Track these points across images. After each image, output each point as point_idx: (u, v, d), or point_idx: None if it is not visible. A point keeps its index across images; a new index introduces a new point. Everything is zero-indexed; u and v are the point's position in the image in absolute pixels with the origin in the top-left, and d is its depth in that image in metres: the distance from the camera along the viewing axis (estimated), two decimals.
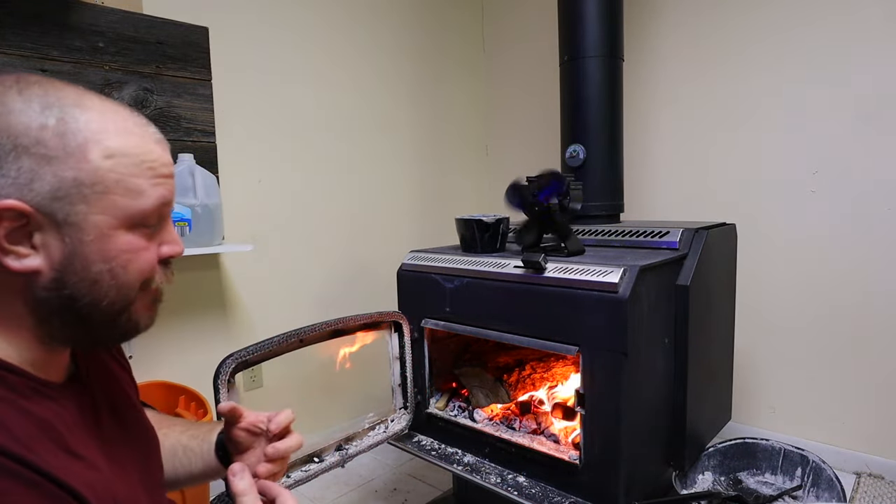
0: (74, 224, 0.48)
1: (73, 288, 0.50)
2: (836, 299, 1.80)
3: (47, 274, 0.49)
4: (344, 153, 2.14)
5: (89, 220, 0.49)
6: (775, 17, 1.85)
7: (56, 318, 0.51)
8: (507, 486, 1.33)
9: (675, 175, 2.13)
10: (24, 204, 0.46)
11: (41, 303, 0.49)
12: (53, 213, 0.48)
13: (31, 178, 0.46)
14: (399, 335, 1.45)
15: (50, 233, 0.48)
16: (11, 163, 0.46)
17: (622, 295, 1.15)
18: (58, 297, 0.50)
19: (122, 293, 0.53)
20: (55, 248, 0.48)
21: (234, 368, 1.08)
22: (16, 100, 0.47)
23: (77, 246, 0.49)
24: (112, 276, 0.51)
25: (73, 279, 0.49)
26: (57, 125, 0.47)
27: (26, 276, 0.48)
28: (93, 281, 0.50)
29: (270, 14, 1.88)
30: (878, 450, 1.77)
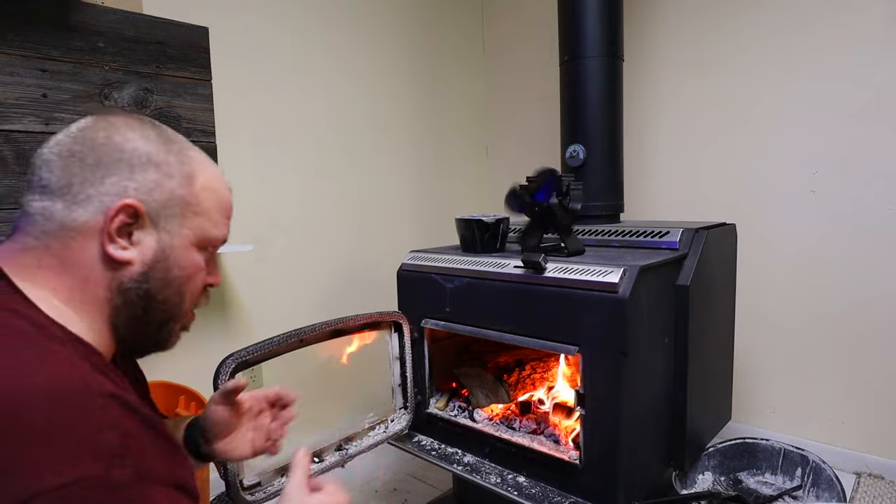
0: (169, 231, 0.60)
1: (152, 283, 0.59)
2: (837, 299, 1.80)
3: (137, 267, 0.58)
4: (344, 153, 2.14)
5: (182, 231, 0.61)
6: (775, 18, 1.85)
7: (129, 309, 0.59)
8: (507, 486, 1.33)
9: (675, 175, 2.13)
10: (142, 205, 0.57)
11: (123, 292, 0.58)
12: (158, 219, 0.59)
13: (153, 187, 0.58)
14: (399, 335, 1.45)
15: (149, 234, 0.58)
16: (142, 173, 0.57)
17: (622, 295, 1.15)
18: (137, 290, 0.59)
19: (180, 301, 0.63)
20: (149, 248, 0.58)
21: (234, 368, 1.08)
22: (151, 131, 0.60)
23: (168, 249, 0.60)
24: (180, 283, 0.62)
25: (155, 276, 0.59)
26: (178, 155, 0.61)
27: (119, 265, 0.57)
28: (168, 283, 0.61)
29: (271, 14, 1.88)
30: (878, 450, 1.77)
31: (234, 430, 0.83)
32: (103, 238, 0.56)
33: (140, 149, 0.58)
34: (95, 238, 0.56)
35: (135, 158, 0.57)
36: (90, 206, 0.55)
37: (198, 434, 0.81)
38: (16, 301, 0.52)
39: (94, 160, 0.56)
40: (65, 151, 0.56)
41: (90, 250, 0.56)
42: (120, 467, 0.44)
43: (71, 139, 0.57)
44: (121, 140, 0.57)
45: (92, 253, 0.56)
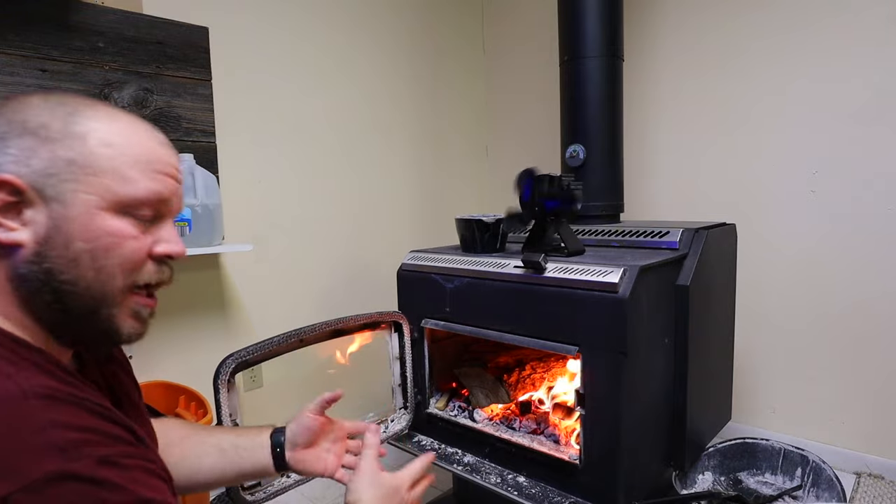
0: (61, 200, 0.50)
1: (52, 262, 0.50)
2: (837, 299, 1.80)
3: (30, 247, 0.50)
4: (344, 153, 2.14)
5: (77, 197, 0.50)
6: (775, 18, 1.85)
7: (37, 297, 0.51)
8: (507, 486, 1.33)
9: (675, 175, 2.13)
10: (18, 179, 0.49)
11: (21, 278, 0.50)
12: (43, 189, 0.50)
13: (30, 155, 0.49)
14: (399, 335, 1.45)
15: (39, 209, 0.50)
16: (15, 141, 0.50)
17: (622, 295, 1.15)
18: (37, 272, 0.50)
19: (102, 279, 0.52)
20: (41, 224, 0.50)
21: (234, 368, 1.08)
22: (36, 99, 0.52)
23: (60, 221, 0.50)
24: (92, 257, 0.51)
25: (52, 253, 0.50)
26: (65, 117, 0.51)
27: (10, 250, 0.50)
28: (72, 259, 0.51)
29: (270, 14, 1.88)
30: (878, 450, 1.77)
31: (316, 444, 0.87)
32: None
33: (16, 119, 0.50)
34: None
35: (10, 129, 0.50)
36: None
37: (283, 439, 0.84)
38: None
39: None
40: None
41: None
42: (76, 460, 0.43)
43: None
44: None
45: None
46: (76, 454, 0.43)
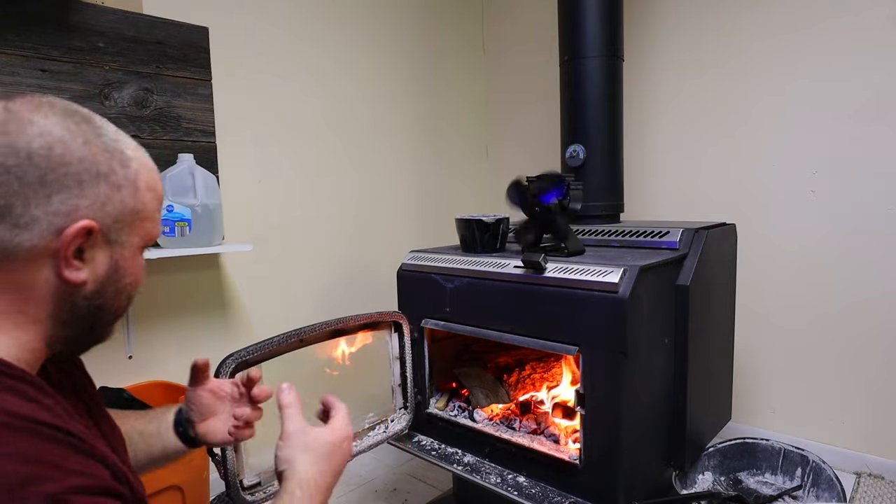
0: (122, 243, 0.56)
1: (106, 298, 0.57)
2: (837, 299, 1.80)
3: (90, 286, 0.55)
4: (344, 153, 2.14)
5: (131, 240, 0.57)
6: (775, 18, 1.85)
7: (76, 324, 0.56)
8: (507, 486, 1.33)
9: (675, 175, 2.13)
10: (97, 224, 0.53)
11: (74, 310, 0.55)
12: (109, 233, 0.55)
13: (105, 202, 0.54)
14: (399, 335, 1.45)
15: (102, 250, 0.55)
16: (92, 188, 0.53)
17: (622, 295, 1.15)
18: (89, 307, 0.56)
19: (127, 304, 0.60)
20: (101, 264, 0.55)
21: (234, 368, 1.08)
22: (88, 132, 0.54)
23: (119, 262, 0.57)
24: (129, 288, 0.59)
25: (108, 290, 0.56)
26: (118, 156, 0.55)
27: (72, 286, 0.53)
28: (119, 292, 0.58)
29: (270, 14, 1.88)
30: (878, 450, 1.77)
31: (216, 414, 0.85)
32: (59, 262, 0.52)
33: (86, 158, 0.52)
34: (45, 261, 0.51)
35: (83, 172, 0.52)
36: (36, 228, 0.50)
37: (184, 417, 0.84)
38: None
39: (37, 177, 0.49)
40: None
41: (40, 274, 0.52)
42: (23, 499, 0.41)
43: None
44: (62, 150, 0.51)
45: (42, 276, 0.52)
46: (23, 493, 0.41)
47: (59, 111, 0.53)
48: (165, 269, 1.67)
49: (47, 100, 0.54)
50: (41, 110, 0.52)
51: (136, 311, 1.61)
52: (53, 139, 0.51)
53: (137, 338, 1.62)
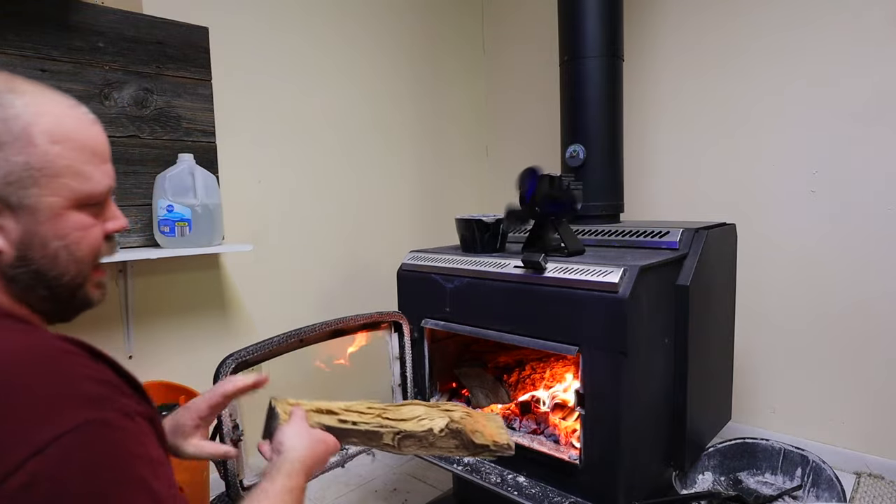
0: (28, 206, 0.52)
1: (37, 263, 0.54)
2: (837, 299, 1.80)
3: (10, 252, 0.53)
4: (344, 153, 2.14)
5: (42, 201, 0.53)
6: (775, 18, 1.85)
7: (32, 292, 0.56)
8: (507, 486, 1.33)
9: (675, 175, 2.13)
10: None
11: (12, 280, 0.54)
12: (7, 197, 0.51)
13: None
14: (399, 335, 1.45)
15: (6, 216, 0.52)
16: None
17: (622, 295, 1.15)
18: (26, 273, 0.54)
19: (80, 268, 0.57)
20: (12, 230, 0.53)
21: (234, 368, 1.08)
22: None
23: (32, 226, 0.53)
24: (68, 251, 0.56)
25: (34, 255, 0.54)
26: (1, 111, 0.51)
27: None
28: (52, 256, 0.55)
29: (270, 14, 1.88)
30: (878, 450, 1.77)
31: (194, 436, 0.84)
32: None
33: None
34: None
35: None
36: None
37: None
38: None
39: None
40: None
41: None
42: (105, 409, 0.47)
43: None
44: None
45: None
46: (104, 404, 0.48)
47: None
48: (165, 269, 1.67)
49: None
50: None
51: (136, 310, 1.61)
52: None
53: (137, 337, 1.62)
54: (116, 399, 0.49)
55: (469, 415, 1.05)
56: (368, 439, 0.99)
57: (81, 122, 0.57)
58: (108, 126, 1.45)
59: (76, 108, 0.57)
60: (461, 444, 1.02)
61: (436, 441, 1.02)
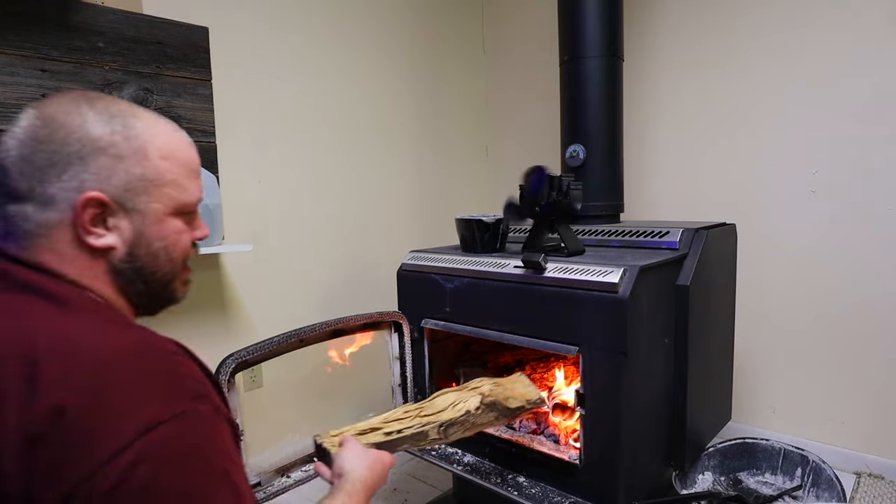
0: (139, 210, 0.62)
1: (141, 261, 0.64)
2: (837, 299, 1.80)
3: (121, 249, 0.62)
4: (344, 153, 2.14)
5: (150, 207, 0.63)
6: (775, 18, 1.85)
7: (132, 286, 0.65)
8: (507, 486, 1.33)
9: (675, 175, 2.13)
10: (104, 195, 0.59)
11: (119, 273, 0.63)
12: (124, 202, 0.61)
13: (109, 174, 0.60)
14: (399, 335, 1.45)
15: (121, 217, 0.61)
16: (93, 162, 0.59)
17: (622, 295, 1.15)
18: (131, 269, 0.63)
19: (172, 266, 0.67)
20: (125, 229, 0.62)
21: (234, 368, 1.08)
22: (89, 112, 0.60)
23: (142, 227, 0.63)
24: (166, 252, 0.66)
25: (140, 253, 0.63)
26: (124, 131, 0.61)
27: (104, 252, 0.61)
28: (153, 255, 0.65)
29: (270, 14, 1.88)
30: (878, 450, 1.77)
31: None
32: (78, 231, 0.59)
33: (84, 136, 0.59)
34: (72, 231, 0.59)
35: (83, 149, 0.58)
36: (57, 204, 0.58)
37: None
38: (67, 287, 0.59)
39: (46, 160, 0.58)
40: (16, 157, 0.58)
41: (74, 242, 0.60)
42: (203, 404, 0.54)
43: (18, 142, 0.59)
44: (64, 133, 0.58)
45: (76, 244, 0.60)
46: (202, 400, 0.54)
47: (66, 100, 0.60)
48: None
49: (61, 93, 0.62)
50: (49, 102, 0.60)
51: None
52: (56, 125, 0.58)
53: None
54: (210, 397, 0.55)
55: (496, 384, 1.15)
56: (417, 440, 1.04)
57: (183, 142, 0.68)
58: None
59: (179, 132, 0.68)
60: (499, 413, 1.12)
61: (476, 419, 1.11)
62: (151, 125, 0.64)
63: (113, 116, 0.61)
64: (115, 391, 0.49)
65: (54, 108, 0.60)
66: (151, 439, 0.47)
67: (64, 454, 0.45)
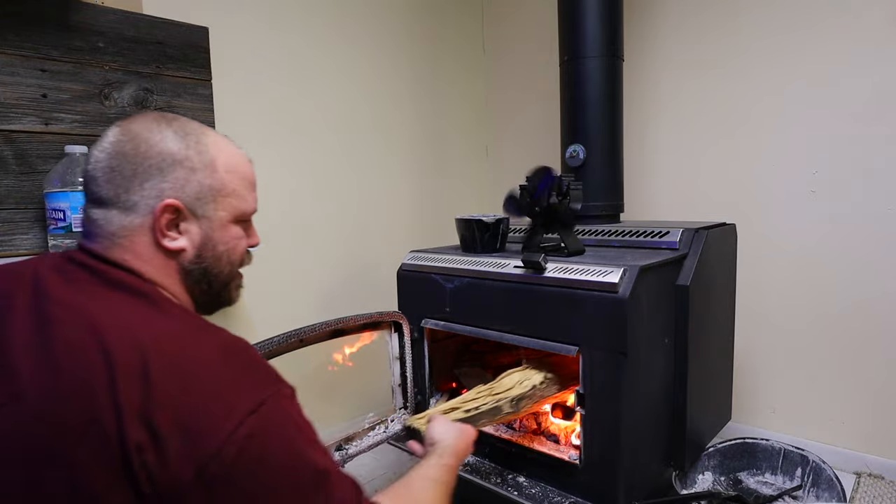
0: (207, 217, 0.71)
1: (207, 262, 0.73)
2: (837, 299, 1.80)
3: (190, 252, 0.71)
4: (344, 153, 2.14)
5: (217, 214, 0.72)
6: (775, 18, 1.85)
7: (198, 286, 0.73)
8: (507, 486, 1.33)
9: (675, 175, 2.13)
10: (179, 202, 0.68)
11: (188, 273, 0.71)
12: (195, 209, 0.70)
13: (184, 184, 0.69)
14: (399, 335, 1.45)
15: (191, 223, 0.70)
16: (171, 173, 0.68)
17: (622, 295, 1.15)
18: (198, 269, 0.72)
19: (231, 269, 0.76)
20: (195, 234, 0.71)
21: None
22: (167, 130, 0.70)
23: (209, 232, 0.72)
24: (228, 254, 0.75)
25: (207, 255, 0.72)
26: (196, 146, 0.70)
27: (176, 253, 0.70)
28: (218, 258, 0.74)
29: (270, 14, 1.88)
30: (878, 450, 1.77)
31: None
32: (156, 234, 0.68)
33: (164, 151, 0.68)
34: (151, 234, 0.68)
35: (162, 162, 0.68)
36: (139, 209, 0.67)
37: None
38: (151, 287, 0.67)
39: (131, 171, 0.67)
40: (105, 168, 0.68)
41: (152, 244, 0.68)
42: (283, 385, 0.63)
43: (107, 155, 0.68)
44: (146, 148, 0.68)
45: (154, 246, 0.68)
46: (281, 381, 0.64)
47: (148, 119, 0.70)
48: None
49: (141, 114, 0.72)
50: (133, 121, 0.70)
51: None
52: (140, 140, 0.68)
53: None
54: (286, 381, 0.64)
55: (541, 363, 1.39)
56: (493, 415, 1.22)
57: (244, 158, 0.77)
58: (108, 126, 1.45)
59: (240, 149, 0.77)
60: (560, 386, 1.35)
61: (543, 392, 1.32)
62: (218, 142, 0.73)
63: (187, 134, 0.71)
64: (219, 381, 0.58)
65: (137, 126, 0.69)
66: (258, 417, 0.56)
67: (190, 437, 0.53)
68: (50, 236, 1.28)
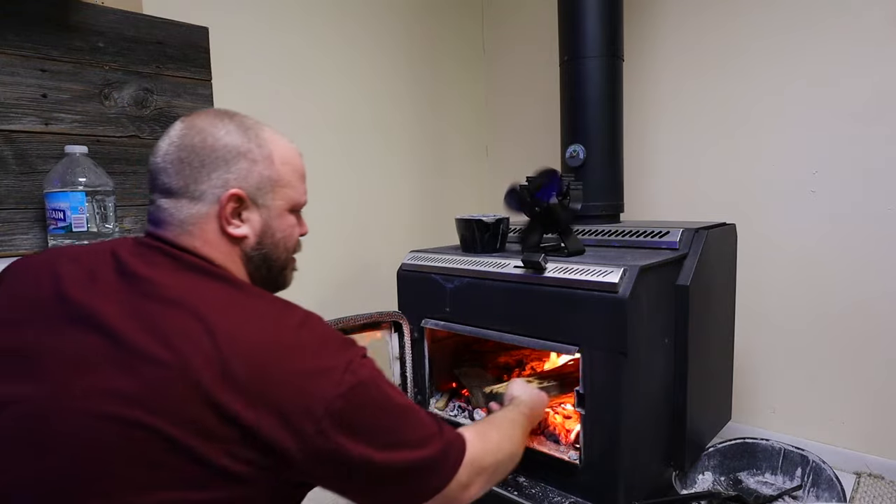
0: (267, 206, 0.77)
1: (267, 248, 0.78)
2: (837, 299, 1.80)
3: (252, 239, 0.76)
4: (344, 153, 2.14)
5: (275, 203, 0.77)
6: (776, 18, 1.85)
7: (258, 271, 0.78)
8: (507, 486, 1.33)
9: (675, 175, 2.13)
10: (243, 192, 0.73)
11: (250, 259, 0.76)
12: (256, 198, 0.75)
13: (247, 174, 0.74)
14: (399, 335, 1.45)
15: (253, 211, 0.75)
16: (235, 165, 0.73)
17: (622, 295, 1.15)
18: (258, 255, 0.77)
19: (287, 254, 0.82)
20: (256, 222, 0.76)
21: None
22: (230, 124, 0.75)
23: (268, 220, 0.77)
24: (284, 241, 0.80)
25: (267, 242, 0.77)
26: (256, 140, 0.76)
27: (239, 240, 0.75)
28: (276, 244, 0.79)
29: (270, 14, 1.88)
30: (878, 450, 1.77)
31: None
32: (222, 222, 0.72)
33: (229, 144, 0.73)
34: (217, 222, 0.72)
35: (227, 154, 0.73)
36: (206, 198, 0.72)
37: None
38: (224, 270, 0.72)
39: (199, 163, 0.72)
40: (175, 159, 0.72)
41: (218, 231, 0.73)
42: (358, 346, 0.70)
43: (176, 148, 0.72)
44: (213, 140, 0.73)
45: (220, 233, 0.73)
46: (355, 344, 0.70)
47: (211, 114, 0.76)
48: None
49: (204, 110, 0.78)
50: (197, 116, 0.75)
51: None
52: (206, 134, 0.73)
53: None
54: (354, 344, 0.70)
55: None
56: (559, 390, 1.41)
57: (296, 152, 0.82)
58: (108, 126, 1.45)
59: (293, 143, 0.82)
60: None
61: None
62: (274, 137, 0.79)
63: (248, 129, 0.76)
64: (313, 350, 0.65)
65: (202, 121, 0.74)
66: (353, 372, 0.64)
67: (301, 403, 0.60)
68: (50, 236, 1.28)
